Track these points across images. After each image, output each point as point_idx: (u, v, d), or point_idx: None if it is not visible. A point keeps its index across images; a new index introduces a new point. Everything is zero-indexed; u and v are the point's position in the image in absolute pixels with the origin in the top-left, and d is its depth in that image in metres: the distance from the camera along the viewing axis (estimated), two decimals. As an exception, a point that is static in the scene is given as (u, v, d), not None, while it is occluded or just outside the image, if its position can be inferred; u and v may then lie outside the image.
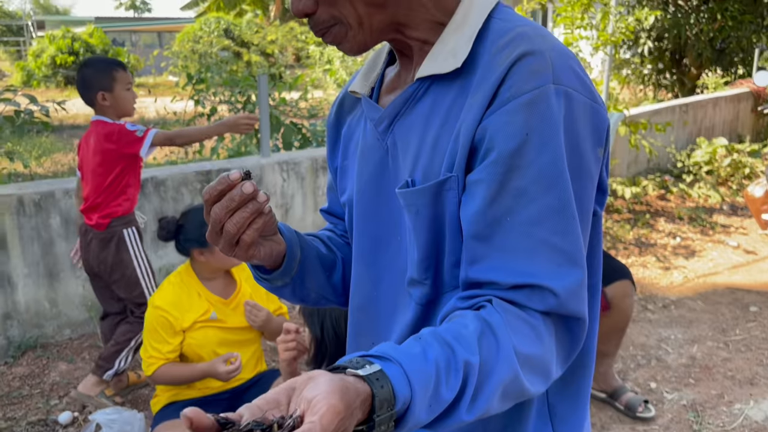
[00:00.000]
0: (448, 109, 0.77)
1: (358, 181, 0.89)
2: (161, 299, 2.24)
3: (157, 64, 22.10)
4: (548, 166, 0.70)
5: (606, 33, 4.87)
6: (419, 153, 0.79)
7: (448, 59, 0.76)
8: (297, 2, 0.78)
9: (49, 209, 3.06)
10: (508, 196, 0.70)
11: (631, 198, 5.18)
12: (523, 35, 0.73)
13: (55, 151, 7.10)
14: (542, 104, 0.70)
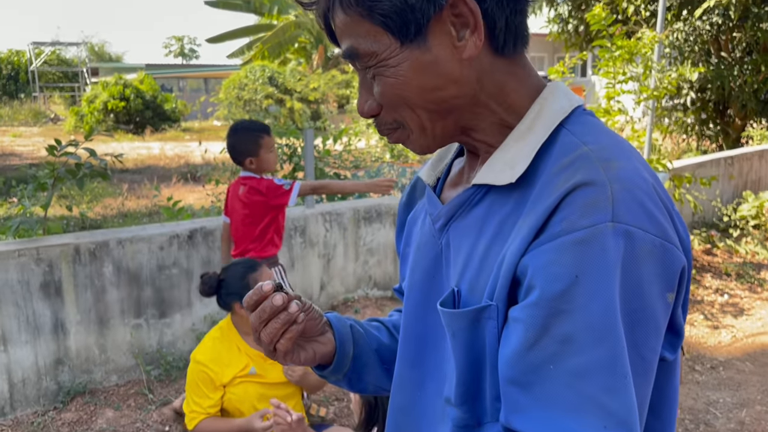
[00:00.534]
0: (502, 223, 0.72)
1: (410, 276, 0.86)
2: (202, 354, 2.29)
3: (203, 110, 22.83)
4: (599, 316, 0.62)
5: (647, 87, 4.88)
6: (468, 263, 0.75)
7: (505, 170, 0.72)
8: (362, 104, 0.79)
9: (103, 258, 3.18)
10: (553, 341, 0.63)
11: (676, 253, 5.09)
12: (585, 158, 0.67)
13: (106, 196, 7.36)
14: (596, 245, 0.62)
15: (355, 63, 0.76)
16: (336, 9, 0.74)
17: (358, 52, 0.73)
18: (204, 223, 3.53)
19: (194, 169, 8.79)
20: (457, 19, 0.71)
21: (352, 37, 0.73)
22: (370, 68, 0.74)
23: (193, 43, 59.45)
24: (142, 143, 14.80)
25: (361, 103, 0.78)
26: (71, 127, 19.32)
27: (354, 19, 0.72)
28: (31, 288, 3.01)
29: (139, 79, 19.98)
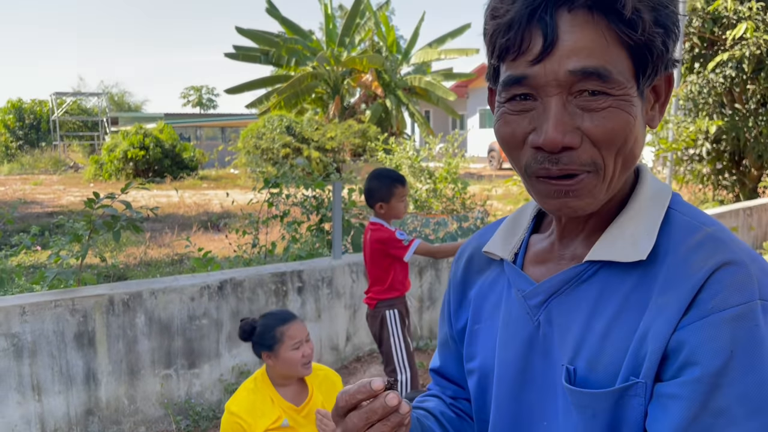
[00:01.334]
0: (624, 301, 0.72)
1: (501, 353, 0.83)
2: (236, 405, 2.31)
3: (220, 158, 23.20)
4: (754, 389, 0.64)
5: (665, 140, 4.96)
6: (583, 340, 0.74)
7: (628, 248, 0.72)
8: (561, 132, 0.68)
9: (136, 308, 3.23)
10: (708, 415, 0.64)
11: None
12: (718, 240, 0.70)
13: (129, 245, 7.47)
14: (750, 321, 0.64)
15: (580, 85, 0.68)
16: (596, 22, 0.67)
17: (611, 76, 0.67)
18: (234, 274, 3.59)
19: (214, 217, 8.89)
20: (655, 89, 0.74)
21: (599, 58, 0.67)
22: (609, 98, 0.68)
23: (211, 93, 60.79)
24: (162, 191, 15.03)
25: (562, 131, 0.68)
26: (90, 176, 19.68)
27: (615, 42, 0.67)
28: (66, 338, 3.07)
29: (158, 129, 20.42)
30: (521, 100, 0.71)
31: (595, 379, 0.72)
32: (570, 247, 0.80)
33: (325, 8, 23.05)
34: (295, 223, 4.48)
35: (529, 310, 0.80)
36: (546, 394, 0.78)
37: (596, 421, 0.71)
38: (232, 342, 3.51)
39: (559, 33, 0.67)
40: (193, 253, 4.82)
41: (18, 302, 2.98)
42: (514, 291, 0.83)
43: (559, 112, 0.68)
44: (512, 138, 0.73)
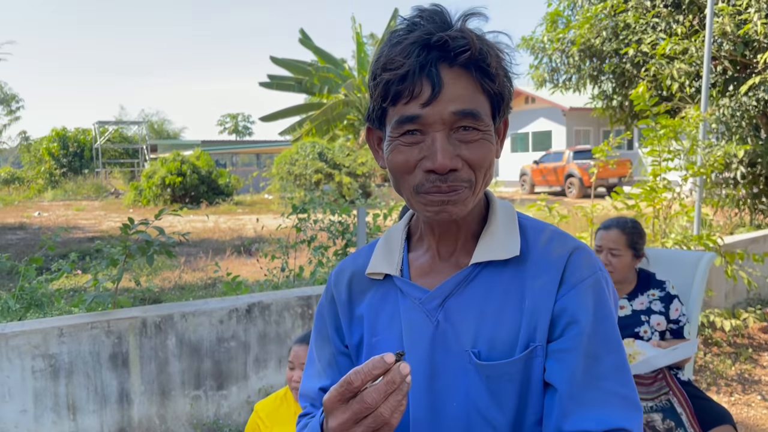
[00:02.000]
0: (506, 290, 0.94)
1: (409, 355, 0.95)
2: (262, 406, 2.38)
3: (254, 184, 23.61)
4: (611, 332, 0.92)
5: (693, 164, 4.93)
6: (480, 327, 0.93)
7: (502, 248, 0.95)
8: (448, 158, 0.87)
9: (168, 331, 3.35)
10: (588, 359, 0.89)
11: (731, 331, 4.99)
12: (561, 234, 0.98)
13: (164, 269, 7.67)
14: (598, 286, 0.93)
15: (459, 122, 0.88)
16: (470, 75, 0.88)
17: (481, 116, 0.89)
18: (261, 297, 3.69)
19: (247, 242, 9.07)
20: (498, 131, 0.97)
21: (473, 103, 0.89)
22: (479, 133, 0.90)
23: (246, 121, 62.08)
24: (197, 217, 15.37)
25: (448, 158, 0.87)
26: (130, 201, 20.24)
27: (479, 90, 0.89)
28: (101, 359, 3.19)
29: (195, 156, 20.93)
30: (412, 134, 0.89)
31: (497, 354, 0.92)
32: (451, 258, 0.99)
33: (357, 37, 23.47)
34: (321, 248, 4.59)
35: (427, 313, 0.96)
36: (454, 379, 0.94)
37: (511, 383, 0.91)
38: (259, 364, 3.60)
39: (443, 83, 0.86)
40: (224, 277, 4.95)
41: (56, 324, 3.12)
42: (410, 300, 0.98)
43: (445, 143, 0.88)
44: (405, 164, 0.91)
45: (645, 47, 8.33)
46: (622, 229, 2.70)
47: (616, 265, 2.67)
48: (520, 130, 28.67)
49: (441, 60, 0.87)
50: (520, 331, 0.92)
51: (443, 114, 0.87)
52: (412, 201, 0.94)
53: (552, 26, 10.28)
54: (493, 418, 0.92)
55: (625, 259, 2.66)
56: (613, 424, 0.87)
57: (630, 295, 2.68)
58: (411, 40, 0.87)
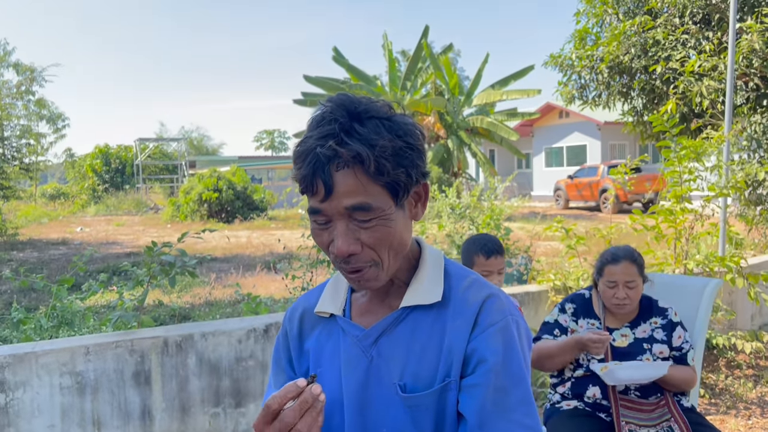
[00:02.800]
0: (430, 330, 1.07)
1: (346, 385, 1.10)
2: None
3: (289, 199, 23.93)
4: (517, 369, 1.04)
5: (714, 186, 4.90)
6: (406, 362, 1.06)
7: (427, 294, 1.09)
8: (347, 245, 1.01)
9: (188, 350, 3.49)
10: (497, 392, 1.02)
11: (753, 353, 4.92)
12: (479, 282, 1.12)
13: (195, 286, 7.89)
14: (508, 329, 1.05)
15: (354, 214, 1.00)
16: (356, 174, 0.99)
17: (372, 207, 1.00)
18: (278, 317, 3.80)
19: (272, 261, 9.25)
20: (416, 194, 1.09)
21: (364, 195, 1.00)
22: (373, 219, 1.01)
23: (282, 137, 62.98)
24: (231, 232, 15.67)
25: (347, 244, 1.01)
26: (168, 217, 20.74)
27: (371, 183, 1.00)
28: (125, 377, 3.35)
29: (231, 172, 21.36)
30: (322, 222, 1.04)
31: (420, 387, 1.05)
32: (386, 300, 1.13)
33: (389, 54, 23.71)
34: (342, 268, 4.69)
35: (363, 349, 1.10)
36: (384, 407, 1.07)
37: (428, 413, 1.04)
38: (276, 383, 3.72)
39: (333, 183, 0.99)
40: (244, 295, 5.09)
41: (83, 343, 3.29)
42: (350, 337, 1.12)
43: (343, 231, 1.01)
44: (322, 245, 1.06)
45: (674, 64, 8.28)
46: (632, 260, 2.68)
47: (633, 296, 2.63)
48: (554, 145, 28.46)
49: (330, 162, 0.99)
50: (439, 366, 1.05)
51: (338, 208, 1.00)
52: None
53: (580, 43, 10.28)
54: None
55: (639, 288, 2.67)
56: None
57: (632, 323, 2.71)
58: (308, 145, 1.01)
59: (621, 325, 2.72)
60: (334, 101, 1.03)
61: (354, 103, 1.03)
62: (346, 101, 1.03)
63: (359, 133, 0.99)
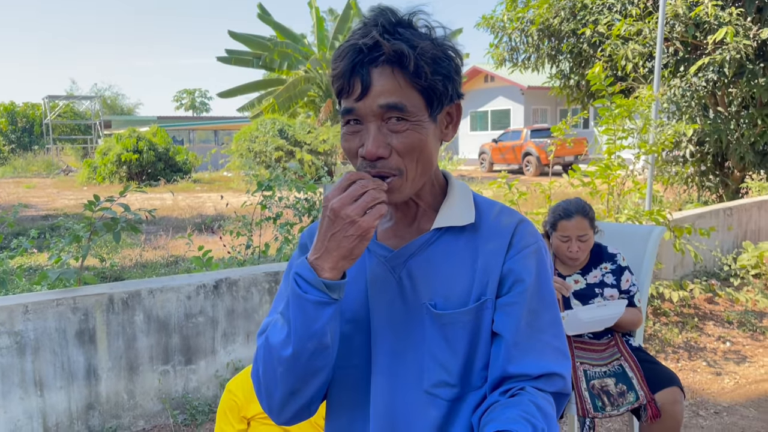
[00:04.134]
0: (462, 252, 1.09)
1: (373, 304, 1.10)
2: (234, 384, 2.44)
3: (213, 161, 23.30)
4: (548, 292, 1.09)
5: (646, 143, 5.13)
6: (437, 283, 1.08)
7: (461, 217, 1.10)
8: (377, 147, 1.00)
9: (135, 307, 3.37)
10: (529, 313, 1.06)
11: (679, 301, 5.25)
12: (509, 209, 1.15)
13: (124, 247, 7.59)
14: (540, 252, 1.09)
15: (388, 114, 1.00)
16: (394, 73, 0.99)
17: (406, 108, 1.00)
18: (229, 273, 3.73)
19: (208, 220, 9.02)
20: (448, 114, 1.09)
21: (400, 96, 1.00)
22: (406, 123, 1.01)
23: (204, 97, 60.81)
24: (156, 194, 15.12)
25: (376, 146, 1.00)
26: (84, 179, 19.76)
27: (408, 86, 1.00)
28: (68, 336, 3.20)
29: (151, 132, 20.51)
30: (353, 124, 1.03)
31: (451, 306, 1.07)
32: (414, 225, 1.14)
33: (315, 12, 23.20)
34: (287, 225, 4.62)
35: (391, 269, 1.11)
36: (413, 328, 1.08)
37: (463, 331, 1.07)
38: (227, 339, 3.66)
39: (371, 80, 0.99)
40: (192, 252, 4.95)
41: (21, 301, 3.11)
42: (376, 257, 1.12)
43: (375, 132, 1.01)
44: (350, 151, 1.05)
45: (601, 28, 8.52)
46: (584, 215, 2.76)
47: (585, 248, 2.74)
48: (479, 109, 28.93)
49: (369, 62, 0.99)
50: (473, 286, 1.07)
51: (372, 107, 1.00)
52: None
53: (512, 5, 10.40)
54: (446, 362, 1.07)
55: (591, 240, 2.77)
56: (548, 369, 1.05)
57: (584, 270, 2.82)
58: (350, 43, 1.01)
59: (572, 273, 2.82)
60: (376, 10, 1.02)
61: (396, 12, 1.02)
62: (388, 10, 1.02)
63: (401, 34, 0.99)
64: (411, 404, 1.08)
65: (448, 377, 1.07)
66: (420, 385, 1.08)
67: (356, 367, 1.12)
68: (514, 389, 1.03)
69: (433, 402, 1.08)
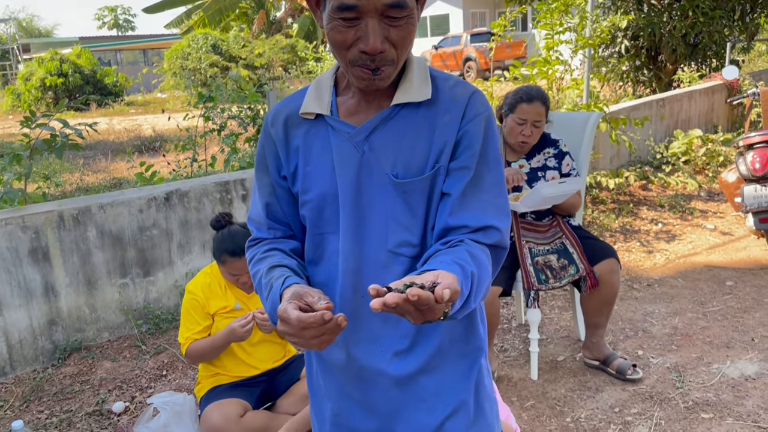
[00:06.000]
0: (419, 125, 1.17)
1: (340, 177, 1.18)
2: (193, 285, 2.53)
3: (145, 82, 22.32)
4: (493, 155, 1.18)
5: (583, 36, 5.22)
6: (398, 154, 1.16)
7: (417, 92, 1.17)
8: (379, 42, 1.07)
9: (86, 223, 3.36)
10: (476, 174, 1.15)
11: (615, 189, 5.53)
12: (463, 81, 1.22)
13: (63, 172, 7.37)
14: (490, 119, 1.18)
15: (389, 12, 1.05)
16: None
17: (407, 4, 1.06)
18: (178, 185, 3.72)
19: (149, 140, 8.79)
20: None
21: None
22: (404, 18, 1.07)
23: (127, 14, 57.26)
24: (88, 119, 14.51)
25: (378, 41, 1.07)
26: (8, 107, 18.72)
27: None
28: (20, 254, 3.18)
29: (75, 54, 19.42)
30: (349, 20, 1.06)
31: (411, 175, 1.17)
32: (374, 101, 1.20)
33: None
34: (233, 135, 4.58)
35: (355, 144, 1.18)
36: (376, 195, 1.18)
37: (421, 196, 1.17)
38: (183, 249, 3.70)
39: None
40: (135, 169, 4.87)
41: (-32, 223, 3.05)
42: (340, 134, 1.19)
43: (376, 28, 1.06)
44: (344, 42, 1.08)
45: None
46: (543, 101, 2.85)
47: (536, 134, 2.86)
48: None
49: None
50: (429, 156, 1.16)
51: (377, 4, 1.05)
52: (348, 71, 1.13)
53: None
54: (407, 222, 1.18)
55: (542, 127, 2.88)
56: (486, 222, 1.14)
57: (528, 155, 2.95)
58: None
59: (518, 158, 2.95)
60: None
61: None
62: None
63: None
64: (377, 262, 1.19)
65: (410, 237, 1.18)
66: (384, 245, 1.19)
67: (328, 233, 1.22)
68: (453, 241, 1.13)
69: (397, 259, 1.19)
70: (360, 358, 1.25)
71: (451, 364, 1.26)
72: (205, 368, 2.59)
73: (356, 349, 1.25)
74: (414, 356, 1.23)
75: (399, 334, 1.22)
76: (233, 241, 2.41)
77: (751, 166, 3.98)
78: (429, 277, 0.93)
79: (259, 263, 1.26)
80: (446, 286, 0.89)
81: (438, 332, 1.23)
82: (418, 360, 1.23)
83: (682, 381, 2.86)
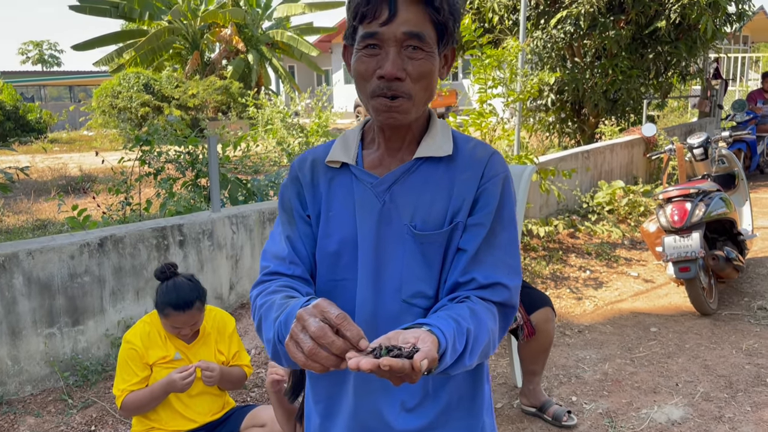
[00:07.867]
0: (439, 181, 1.22)
1: (360, 224, 1.22)
2: (132, 335, 2.45)
3: (70, 119, 21.63)
4: (508, 214, 1.22)
5: (514, 91, 5.48)
6: (417, 207, 1.21)
7: (440, 148, 1.23)
8: (396, 68, 1.12)
9: (13, 270, 3.20)
10: (491, 232, 1.19)
11: (545, 237, 5.75)
12: (483, 143, 1.28)
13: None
14: (507, 180, 1.23)
15: (408, 42, 1.12)
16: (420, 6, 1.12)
17: (425, 38, 1.13)
18: (113, 230, 3.62)
19: (78, 179, 8.49)
20: (445, 56, 1.22)
21: (420, 27, 1.13)
22: (422, 52, 1.13)
23: (53, 49, 55.66)
24: (7, 157, 13.88)
25: (395, 68, 1.12)
26: None
27: (427, 19, 1.14)
28: (-61, 304, 2.99)
29: (-4, 88, 18.65)
30: (372, 48, 1.14)
31: (429, 228, 1.21)
32: (397, 155, 1.26)
33: (178, -42, 21.82)
34: (170, 180, 4.50)
35: (377, 195, 1.23)
36: (394, 246, 1.22)
37: (438, 248, 1.21)
38: (116, 297, 3.57)
39: (397, 9, 1.12)
40: (63, 214, 4.69)
41: None
42: (363, 184, 1.24)
43: (395, 56, 1.13)
44: (366, 71, 1.15)
45: (469, -19, 8.80)
46: None
47: None
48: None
49: None
50: (448, 211, 1.20)
51: (396, 33, 1.12)
52: (368, 104, 1.18)
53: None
54: (423, 274, 1.21)
55: None
56: (494, 279, 1.17)
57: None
58: None
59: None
60: None
61: None
62: None
63: None
64: (391, 312, 1.22)
65: (425, 288, 1.21)
66: (399, 295, 1.21)
67: (344, 280, 1.25)
68: (460, 297, 1.15)
69: (410, 310, 1.21)
70: (368, 408, 1.26)
71: (456, 421, 1.28)
72: (140, 422, 2.49)
73: (366, 398, 1.26)
74: (423, 412, 1.25)
75: (413, 388, 1.24)
76: (178, 295, 2.36)
77: (671, 218, 4.24)
78: (410, 339, 0.94)
79: (272, 294, 1.19)
80: (425, 354, 0.90)
81: (447, 389, 1.26)
82: (427, 416, 1.25)
83: (614, 427, 2.96)
